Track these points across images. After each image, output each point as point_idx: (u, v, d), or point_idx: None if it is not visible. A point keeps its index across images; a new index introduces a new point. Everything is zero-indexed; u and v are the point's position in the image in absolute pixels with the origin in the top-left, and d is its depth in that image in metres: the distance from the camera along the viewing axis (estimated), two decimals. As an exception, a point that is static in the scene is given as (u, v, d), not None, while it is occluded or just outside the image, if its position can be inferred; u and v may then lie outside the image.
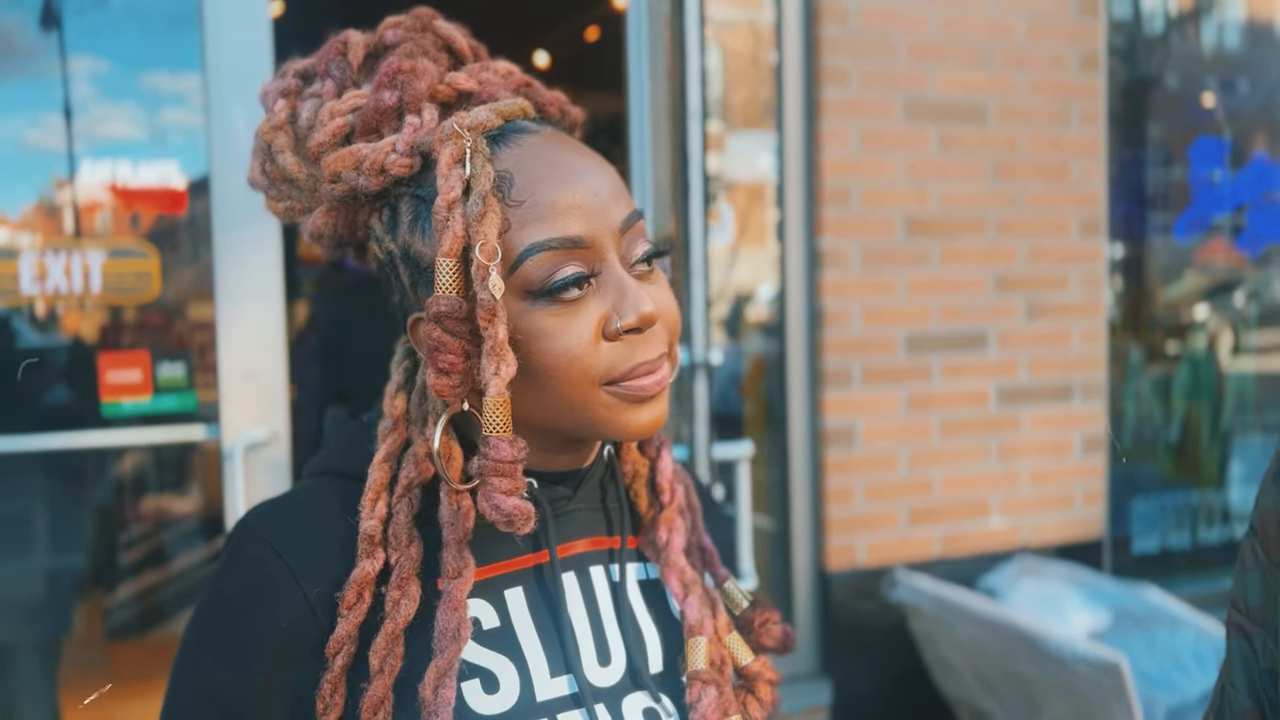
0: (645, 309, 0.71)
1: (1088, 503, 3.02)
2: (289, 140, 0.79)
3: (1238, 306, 3.68)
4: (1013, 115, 2.86)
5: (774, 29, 2.74)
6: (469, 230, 0.68)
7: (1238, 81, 3.71)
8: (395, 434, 0.78)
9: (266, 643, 0.73)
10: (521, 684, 0.74)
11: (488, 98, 0.78)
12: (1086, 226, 2.97)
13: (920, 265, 2.78)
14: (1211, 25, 3.68)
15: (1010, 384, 2.90)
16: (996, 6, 2.83)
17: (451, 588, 0.71)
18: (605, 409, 0.73)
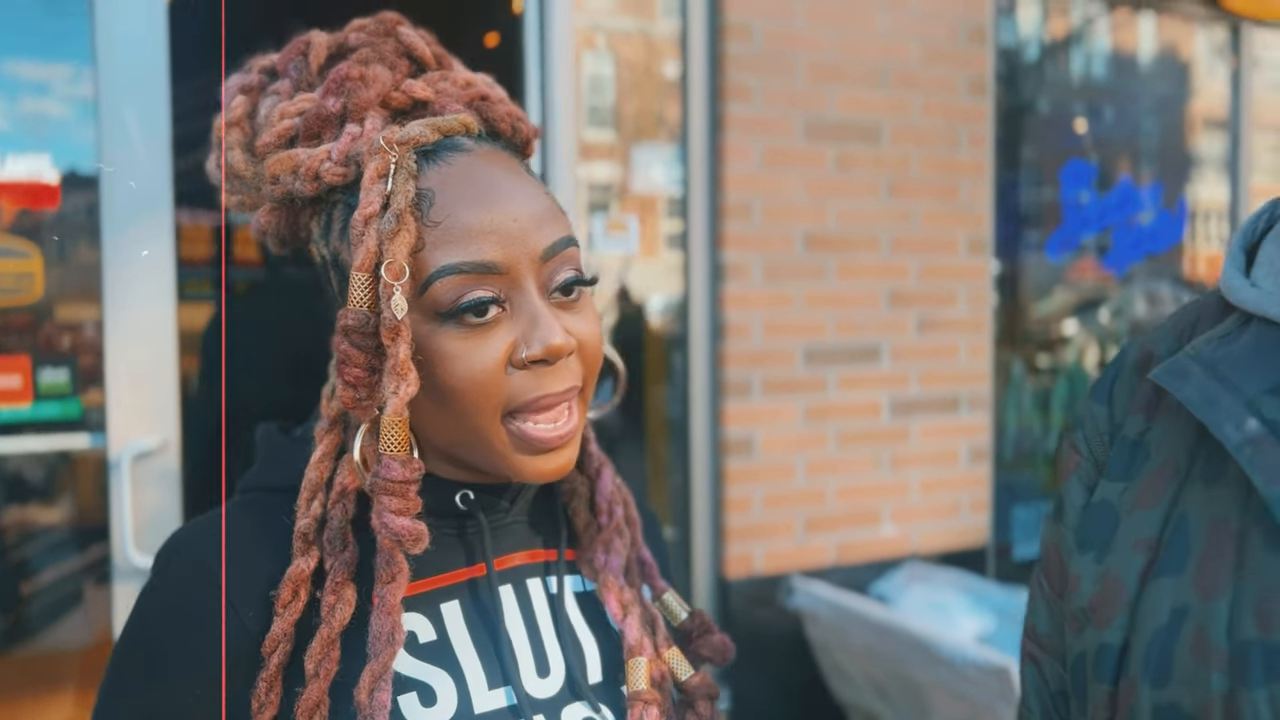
0: (553, 341, 0.71)
1: (973, 511, 3.14)
2: (241, 137, 0.78)
3: (1103, 322, 3.88)
4: (906, 136, 2.96)
5: (679, 43, 2.78)
6: (381, 247, 0.68)
7: (1106, 108, 3.93)
8: (331, 435, 0.78)
9: (199, 663, 0.71)
10: (459, 697, 0.73)
11: (442, 107, 0.77)
12: (974, 245, 3.09)
13: (818, 280, 2.85)
14: (1082, 55, 3.88)
15: (901, 396, 3.00)
16: (892, 31, 2.93)
17: (385, 592, 0.70)
18: (504, 447, 0.72)
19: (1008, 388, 3.49)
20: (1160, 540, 0.67)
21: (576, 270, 0.75)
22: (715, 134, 2.75)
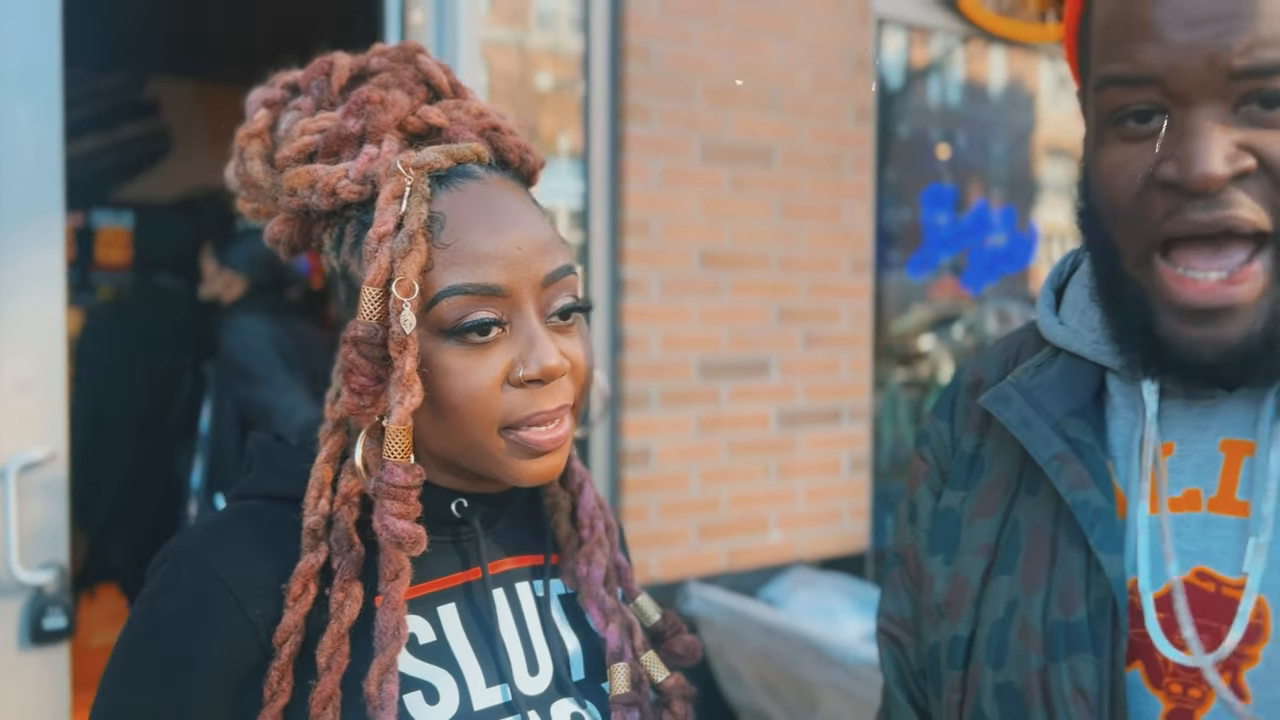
0: (549, 362, 0.76)
1: (854, 518, 3.30)
2: (262, 148, 0.82)
3: (958, 338, 4.12)
4: (796, 160, 3.10)
5: (582, 62, 2.84)
6: (393, 264, 0.73)
7: (963, 135, 4.18)
8: (335, 437, 0.81)
9: (208, 664, 0.74)
10: (460, 695, 0.78)
11: (455, 135, 0.81)
12: (856, 265, 3.25)
13: (713, 296, 2.95)
14: (941, 84, 4.13)
15: (789, 408, 3.13)
16: (784, 58, 3.06)
17: (389, 589, 0.74)
18: (501, 454, 0.77)
19: (883, 400, 3.68)
20: (997, 544, 0.78)
21: (574, 296, 0.80)
22: (616, 153, 2.81)
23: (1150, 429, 0.72)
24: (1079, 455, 0.74)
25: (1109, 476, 0.74)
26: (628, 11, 2.79)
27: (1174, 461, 0.73)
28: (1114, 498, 0.73)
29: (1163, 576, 0.70)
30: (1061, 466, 0.73)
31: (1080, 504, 0.72)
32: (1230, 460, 0.71)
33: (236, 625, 0.74)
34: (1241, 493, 0.70)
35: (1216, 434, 0.72)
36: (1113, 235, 0.71)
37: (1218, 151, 0.64)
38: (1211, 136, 0.65)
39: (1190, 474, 0.72)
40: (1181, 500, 0.72)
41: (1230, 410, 0.72)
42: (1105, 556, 0.70)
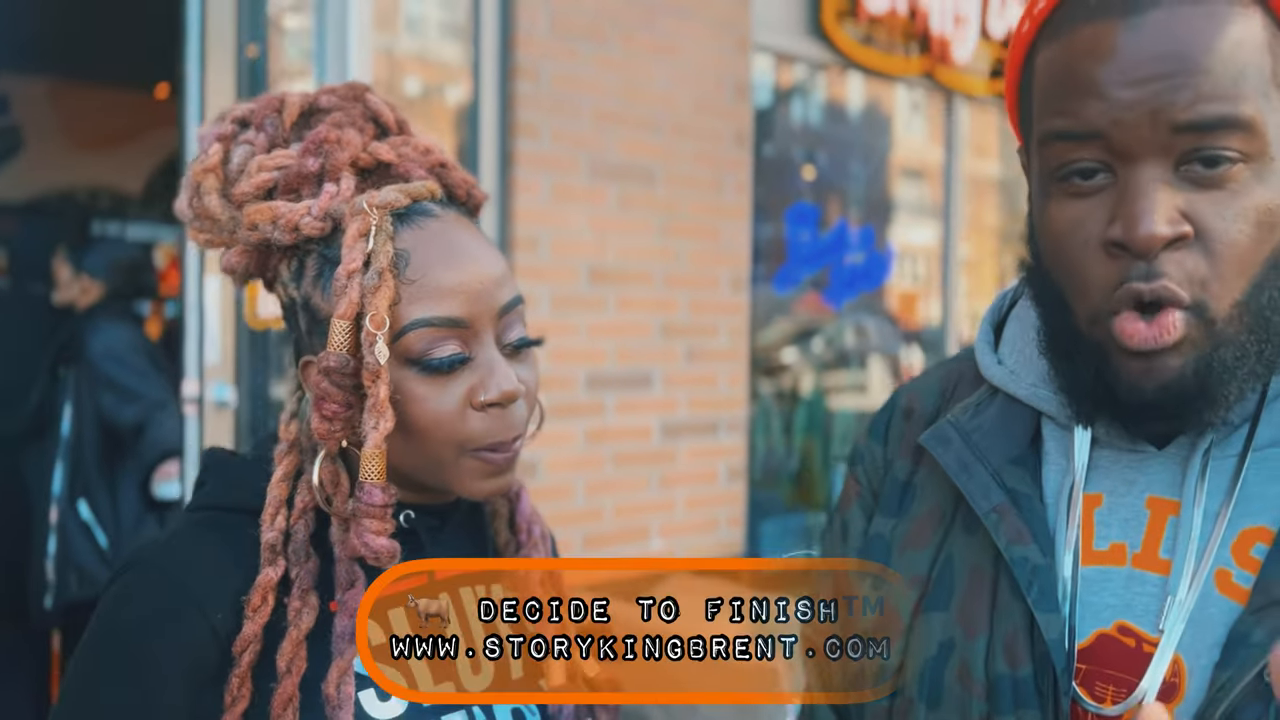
0: (508, 387, 0.82)
1: (730, 525, 3.42)
2: (217, 182, 0.84)
3: (818, 351, 4.33)
4: (678, 181, 3.21)
5: (472, 81, 2.87)
6: (364, 299, 0.78)
7: (828, 156, 4.39)
8: (290, 456, 0.85)
9: (173, 667, 0.77)
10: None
11: (404, 171, 0.86)
12: (734, 283, 3.39)
13: (599, 311, 3.02)
14: (808, 107, 4.33)
15: (671, 420, 3.23)
16: (667, 82, 3.17)
17: (346, 598, 0.79)
18: (461, 471, 0.83)
19: (756, 412, 3.83)
20: (929, 577, 0.78)
21: (525, 327, 0.87)
22: (506, 169, 2.86)
23: (1079, 477, 0.73)
24: (1017, 506, 0.74)
25: (1047, 527, 0.74)
26: (517, 32, 2.84)
27: (1102, 514, 0.73)
28: (1051, 550, 0.73)
29: (1088, 628, 0.71)
30: (1000, 520, 0.73)
31: (1018, 560, 0.72)
32: (1155, 517, 0.72)
33: (199, 631, 0.78)
34: (1165, 551, 0.71)
35: (1143, 490, 0.73)
36: (1065, 293, 0.71)
37: (1161, 212, 0.65)
38: (1155, 196, 0.65)
39: (1117, 528, 0.73)
40: (1108, 554, 0.73)
41: (1158, 467, 0.72)
42: (1042, 615, 0.70)
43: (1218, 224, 0.65)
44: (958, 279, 4.54)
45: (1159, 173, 0.65)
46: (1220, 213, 0.65)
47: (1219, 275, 0.65)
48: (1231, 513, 0.69)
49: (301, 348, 0.86)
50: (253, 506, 0.83)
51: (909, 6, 3.87)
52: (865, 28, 3.82)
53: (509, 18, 2.86)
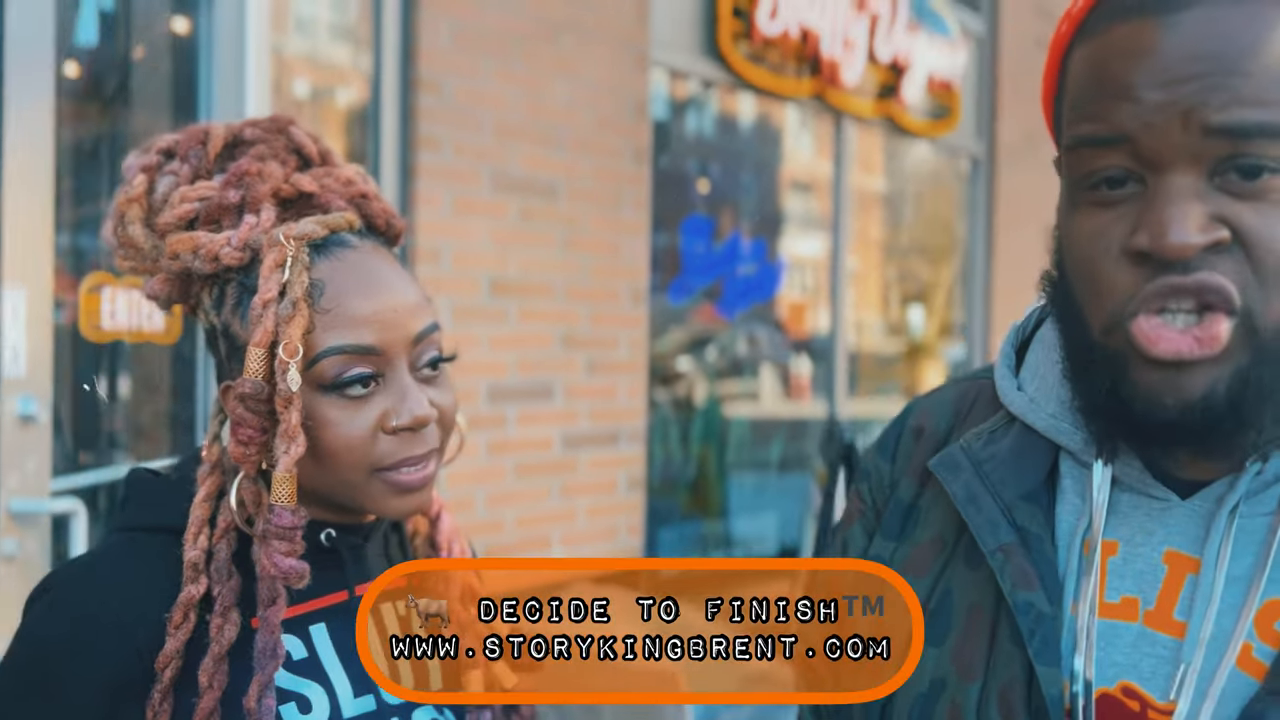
0: (419, 412, 0.85)
1: (629, 534, 3.48)
2: (141, 212, 0.86)
3: (711, 360, 4.44)
4: (579, 196, 3.26)
5: (372, 93, 2.87)
6: (278, 328, 0.81)
7: (722, 171, 4.51)
8: (213, 477, 0.87)
9: (91, 687, 0.80)
10: (330, 704, 0.86)
11: (326, 201, 0.89)
12: (634, 296, 3.46)
13: (501, 323, 3.05)
14: (703, 123, 4.44)
15: (572, 431, 3.27)
16: (569, 99, 3.22)
17: (268, 615, 0.82)
18: (374, 492, 0.87)
19: (655, 422, 3.90)
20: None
21: (439, 350, 0.90)
22: (407, 181, 2.86)
23: (1098, 519, 0.68)
24: (1026, 547, 0.69)
25: (1056, 573, 0.69)
26: (419, 45, 2.85)
27: (1115, 563, 0.68)
28: (1059, 598, 0.68)
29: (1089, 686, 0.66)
30: (1006, 560, 0.68)
31: (1022, 606, 0.67)
32: (1172, 574, 0.66)
33: (119, 650, 0.80)
34: (1180, 612, 0.65)
35: (1162, 541, 0.67)
36: (1083, 306, 0.66)
37: (1192, 220, 0.60)
38: (1185, 203, 0.60)
39: (1132, 580, 0.67)
40: (1119, 607, 0.67)
41: (1180, 519, 0.67)
42: (1042, 669, 0.65)
43: (1263, 231, 0.60)
44: (845, 290, 4.70)
45: (1191, 181, 0.60)
46: (1264, 221, 0.60)
47: (1263, 283, 0.60)
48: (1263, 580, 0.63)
49: (222, 373, 0.88)
50: (175, 526, 0.85)
51: (800, 30, 4.01)
52: (759, 49, 3.94)
53: (410, 31, 2.87)
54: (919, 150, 5.19)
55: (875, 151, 5.08)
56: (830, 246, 4.69)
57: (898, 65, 4.50)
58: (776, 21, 3.90)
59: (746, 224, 4.55)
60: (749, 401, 4.58)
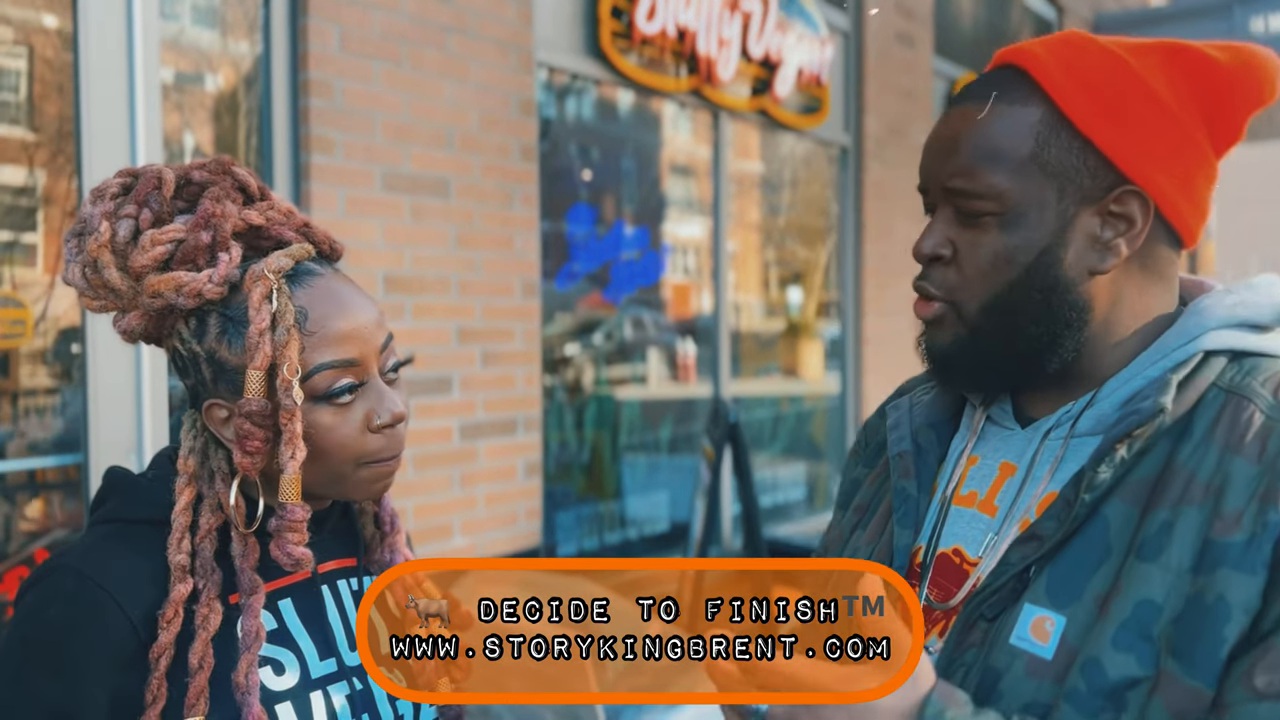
0: (397, 410, 1.00)
1: (528, 518, 3.61)
2: (113, 257, 0.95)
3: (598, 344, 4.59)
4: (470, 193, 3.36)
5: (262, 96, 2.90)
6: (276, 352, 0.93)
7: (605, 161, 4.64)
8: (190, 488, 0.99)
9: (96, 658, 0.91)
10: (300, 667, 1.00)
11: (275, 233, 1.00)
12: (526, 289, 3.57)
13: (397, 319, 3.13)
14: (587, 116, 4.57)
15: (470, 421, 3.38)
16: (455, 99, 3.31)
17: (250, 601, 0.95)
18: (360, 480, 1.01)
19: (549, 408, 4.03)
20: (868, 507, 1.04)
21: (397, 355, 1.04)
22: (300, 182, 2.92)
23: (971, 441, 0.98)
24: (917, 455, 0.98)
25: (933, 476, 0.98)
26: (308, 49, 2.90)
27: (973, 470, 0.96)
28: (930, 490, 0.97)
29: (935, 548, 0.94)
30: (899, 461, 0.98)
31: (899, 490, 0.97)
32: (1000, 476, 0.93)
33: (119, 624, 0.91)
34: (998, 500, 0.92)
35: (1001, 455, 0.94)
36: None
37: (930, 240, 0.90)
38: (933, 229, 0.91)
39: (977, 481, 0.95)
40: (965, 498, 0.95)
41: (1017, 441, 0.94)
42: (898, 529, 0.95)
43: (967, 252, 0.90)
44: (727, 272, 4.91)
45: (947, 213, 0.91)
46: (971, 245, 0.89)
47: (965, 285, 0.90)
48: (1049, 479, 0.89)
49: (202, 393, 0.99)
50: (155, 518, 0.97)
51: (677, 28, 4.18)
52: (639, 48, 4.09)
53: (299, 36, 2.91)
54: (792, 139, 5.43)
55: (752, 141, 5.29)
56: (711, 229, 4.88)
57: (770, 61, 4.71)
58: (654, 21, 4.06)
59: (630, 211, 4.70)
60: (638, 385, 4.75)
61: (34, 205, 2.66)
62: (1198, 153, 0.89)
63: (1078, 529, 0.84)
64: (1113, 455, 0.84)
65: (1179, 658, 0.77)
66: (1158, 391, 0.85)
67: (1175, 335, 0.89)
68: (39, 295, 2.64)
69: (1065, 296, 0.88)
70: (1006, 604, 0.85)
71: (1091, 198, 0.87)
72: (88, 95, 2.54)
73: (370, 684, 1.03)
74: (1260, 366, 0.87)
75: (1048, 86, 0.87)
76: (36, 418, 2.69)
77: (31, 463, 2.64)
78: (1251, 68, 0.88)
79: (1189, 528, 0.80)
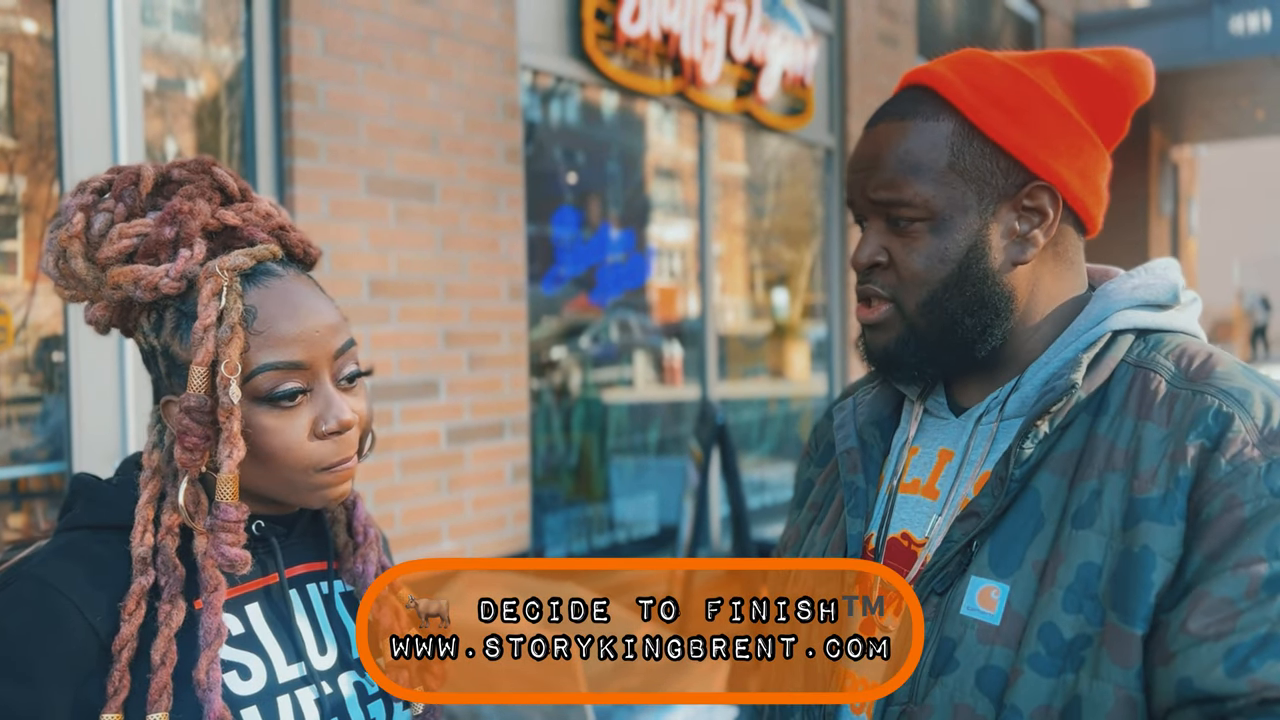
0: (344, 418, 0.98)
1: (516, 521, 3.60)
2: (82, 247, 0.95)
3: (585, 347, 4.59)
4: (455, 195, 3.35)
5: (245, 100, 2.89)
6: (218, 349, 0.93)
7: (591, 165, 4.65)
8: (154, 481, 0.98)
9: (56, 664, 0.90)
10: (267, 671, 0.99)
11: (249, 233, 1.00)
12: (513, 291, 3.56)
13: (383, 322, 3.12)
14: (573, 120, 4.57)
15: (457, 425, 3.37)
16: (440, 101, 3.30)
17: (211, 599, 0.94)
18: (308, 488, 1.00)
19: (537, 411, 4.02)
20: (821, 504, 1.11)
21: (357, 364, 1.03)
22: (284, 186, 2.90)
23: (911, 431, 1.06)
24: (863, 451, 1.05)
25: (879, 468, 1.06)
26: (291, 53, 2.89)
27: (915, 459, 1.04)
28: (877, 481, 1.05)
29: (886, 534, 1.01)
30: (847, 457, 1.05)
31: (848, 484, 1.04)
32: (940, 463, 1.01)
33: (80, 632, 0.90)
34: (939, 484, 1.00)
35: (939, 443, 1.03)
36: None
37: (866, 249, 0.98)
38: (868, 238, 0.99)
39: (919, 468, 1.02)
40: (909, 485, 1.02)
41: (952, 429, 1.02)
42: (849, 519, 1.03)
43: (903, 256, 0.98)
44: (713, 275, 4.91)
45: (878, 224, 0.99)
46: (906, 250, 0.97)
47: (904, 286, 0.97)
48: (984, 461, 0.98)
49: (161, 388, 0.99)
50: (120, 523, 0.96)
51: (661, 31, 4.18)
52: (623, 50, 4.09)
53: (282, 39, 2.90)
54: (777, 141, 5.44)
55: (736, 142, 5.30)
56: (696, 231, 4.88)
57: (754, 63, 4.72)
58: (638, 24, 4.06)
59: (615, 214, 4.70)
60: (625, 387, 4.74)
61: (14, 212, 2.63)
62: (1092, 148, 0.98)
63: (1011, 503, 0.92)
64: (1035, 431, 0.92)
65: (1117, 609, 0.85)
66: (1070, 370, 0.94)
67: (1085, 319, 0.98)
68: (20, 302, 2.62)
69: (994, 288, 0.97)
70: (954, 578, 0.93)
71: (1006, 195, 0.96)
72: (69, 101, 2.53)
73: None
74: (1163, 341, 0.96)
75: (957, 102, 0.96)
76: (18, 425, 2.67)
77: (14, 471, 2.61)
78: (1128, 69, 0.99)
79: (1114, 492, 0.88)
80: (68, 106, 2.52)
